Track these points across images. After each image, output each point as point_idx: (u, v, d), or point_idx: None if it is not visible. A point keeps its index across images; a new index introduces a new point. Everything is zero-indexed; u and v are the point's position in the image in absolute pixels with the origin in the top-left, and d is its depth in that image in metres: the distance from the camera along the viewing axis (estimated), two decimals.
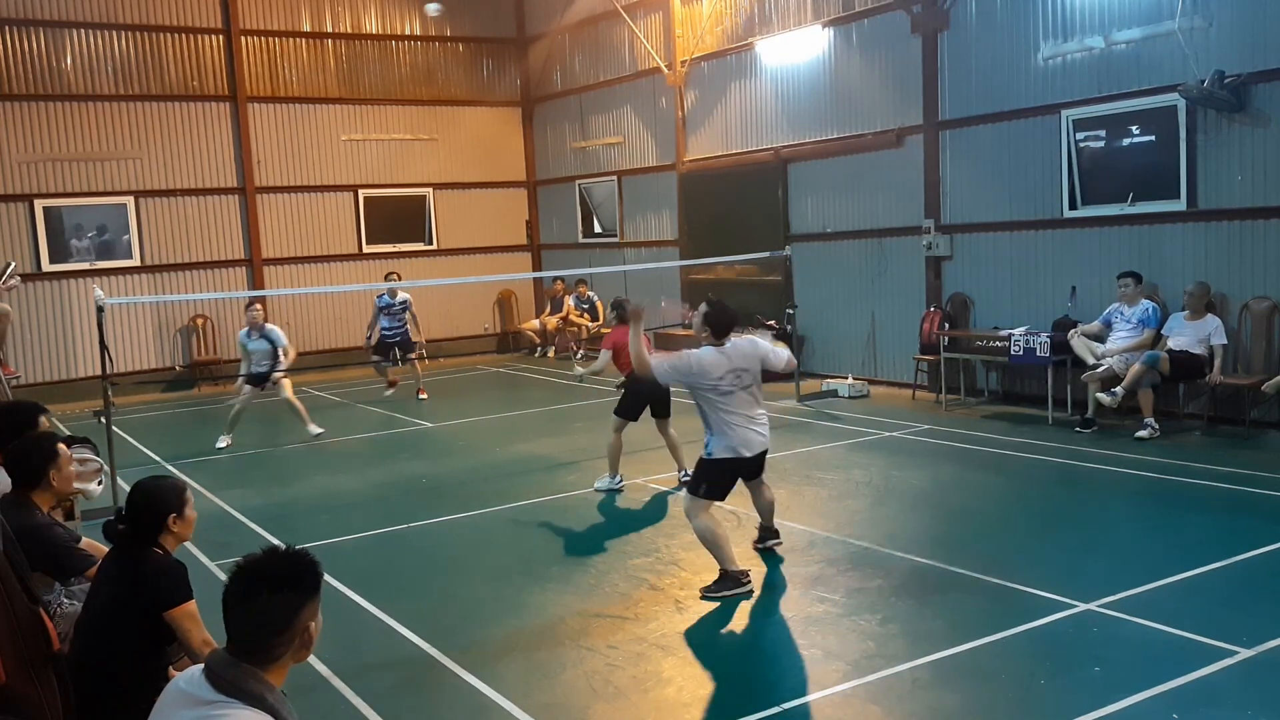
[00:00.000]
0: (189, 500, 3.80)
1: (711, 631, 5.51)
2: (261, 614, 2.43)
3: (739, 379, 6.17)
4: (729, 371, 6.15)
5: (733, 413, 6.16)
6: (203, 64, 16.63)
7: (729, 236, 14.67)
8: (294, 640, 2.45)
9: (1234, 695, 4.42)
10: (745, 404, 6.21)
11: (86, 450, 5.57)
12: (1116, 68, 10.25)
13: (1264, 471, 7.98)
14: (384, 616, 5.85)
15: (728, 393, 6.15)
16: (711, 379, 6.13)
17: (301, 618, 2.46)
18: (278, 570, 2.48)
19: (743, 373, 6.19)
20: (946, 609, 5.60)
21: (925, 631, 5.28)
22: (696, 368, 6.15)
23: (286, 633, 2.44)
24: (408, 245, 18.32)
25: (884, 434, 10.24)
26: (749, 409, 6.23)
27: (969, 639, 5.13)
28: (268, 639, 2.43)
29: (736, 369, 6.17)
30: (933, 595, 5.83)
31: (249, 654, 2.42)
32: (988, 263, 11.71)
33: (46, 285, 15.46)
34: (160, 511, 3.69)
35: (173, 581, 3.57)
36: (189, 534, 3.81)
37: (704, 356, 6.18)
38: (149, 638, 3.56)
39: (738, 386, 6.17)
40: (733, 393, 6.16)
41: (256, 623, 2.43)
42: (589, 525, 7.59)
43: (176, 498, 3.75)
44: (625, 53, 17.21)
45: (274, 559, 2.51)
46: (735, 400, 6.17)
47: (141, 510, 3.68)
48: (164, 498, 3.73)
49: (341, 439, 11.46)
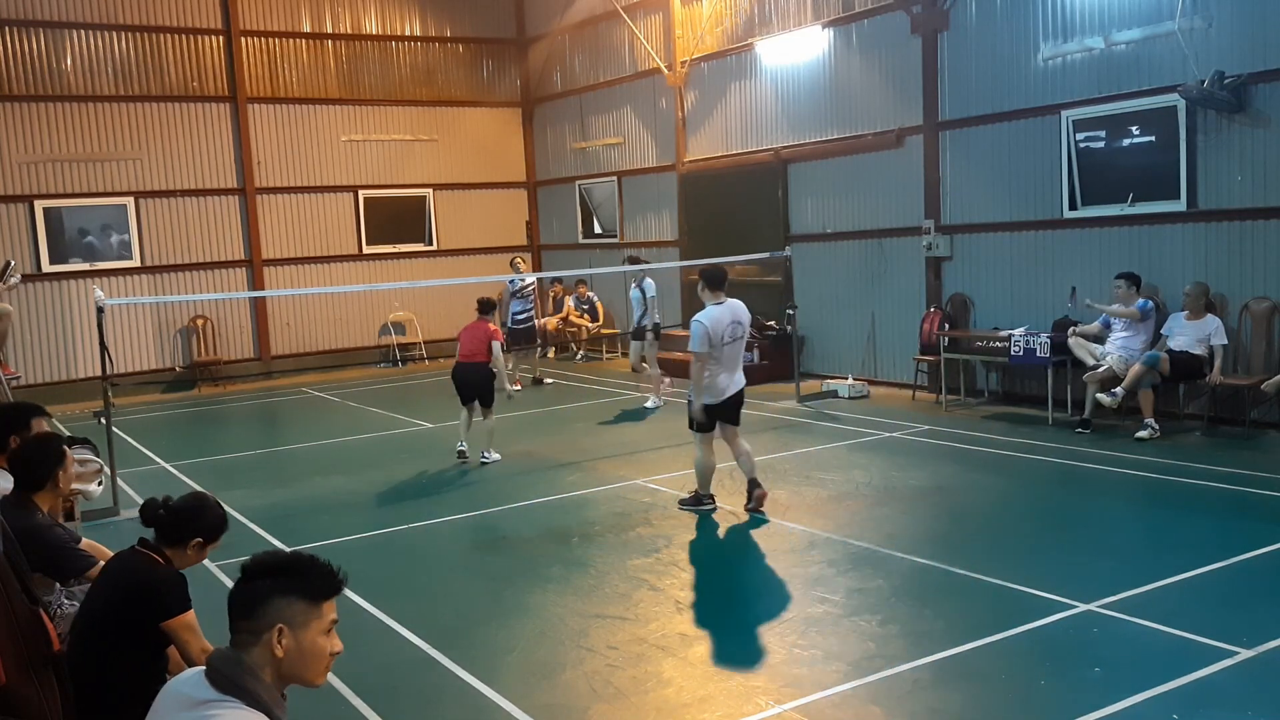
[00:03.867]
0: (218, 540, 3.78)
1: (711, 632, 5.51)
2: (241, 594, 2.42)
3: (734, 331, 7.40)
4: (731, 322, 7.38)
5: (722, 364, 7.34)
6: (203, 64, 16.63)
7: (729, 237, 14.66)
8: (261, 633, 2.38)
9: (1234, 695, 4.42)
10: (731, 360, 7.38)
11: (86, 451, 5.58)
12: (1116, 68, 10.25)
13: (1264, 471, 7.98)
14: (384, 616, 5.85)
15: (729, 343, 7.34)
16: (722, 328, 7.31)
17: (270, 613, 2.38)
18: (273, 561, 2.47)
19: (738, 325, 7.43)
20: (946, 609, 5.60)
21: (925, 632, 5.28)
22: (710, 322, 7.30)
23: (251, 620, 2.38)
24: (408, 246, 18.33)
25: (884, 434, 10.24)
26: (733, 366, 7.41)
27: (969, 639, 5.13)
28: (237, 620, 2.40)
29: (735, 320, 7.42)
30: (933, 595, 5.83)
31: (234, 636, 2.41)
32: (988, 263, 11.72)
33: (46, 286, 15.46)
34: (193, 531, 3.69)
35: (172, 592, 3.56)
36: (194, 564, 3.77)
37: (712, 313, 7.37)
38: (146, 644, 3.55)
39: (734, 337, 7.39)
40: (732, 343, 7.37)
41: (233, 601, 2.42)
42: (589, 525, 7.59)
43: (214, 530, 3.74)
44: (625, 53, 17.21)
45: (276, 555, 2.51)
46: (733, 350, 7.37)
47: (183, 520, 3.68)
48: (208, 521, 3.73)
49: (341, 439, 11.46)
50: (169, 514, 3.68)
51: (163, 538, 3.67)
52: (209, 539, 3.73)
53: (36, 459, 4.27)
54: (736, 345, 7.52)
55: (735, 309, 7.53)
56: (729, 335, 7.40)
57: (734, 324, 7.44)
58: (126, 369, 15.77)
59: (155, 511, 3.69)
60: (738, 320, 7.48)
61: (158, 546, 3.67)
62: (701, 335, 7.32)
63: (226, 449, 11.33)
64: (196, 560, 3.76)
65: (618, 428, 11.18)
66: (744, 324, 7.55)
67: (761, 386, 13.24)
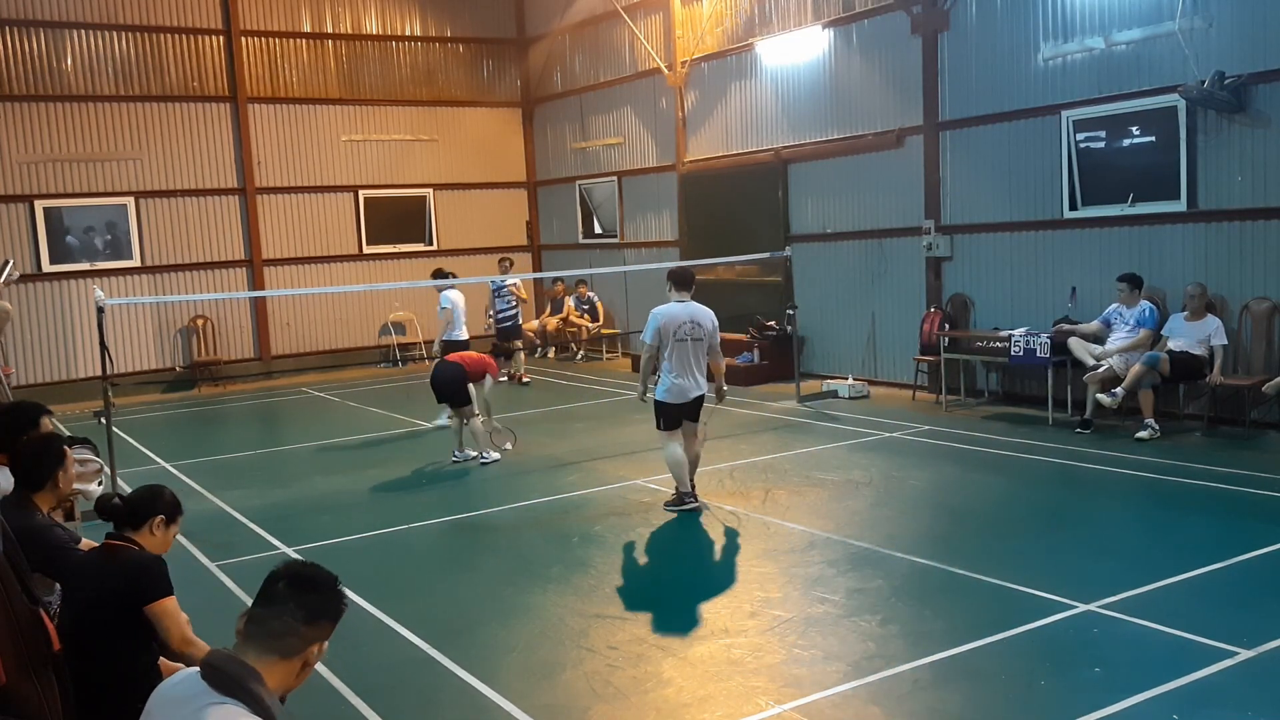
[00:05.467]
0: (177, 521, 3.91)
1: (711, 632, 5.51)
2: (303, 598, 2.44)
3: (692, 330, 7.56)
4: (687, 320, 7.56)
5: (676, 364, 7.54)
6: (203, 64, 16.63)
7: (729, 237, 14.66)
8: (311, 642, 2.44)
9: (1234, 695, 4.42)
10: (689, 358, 7.55)
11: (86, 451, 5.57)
12: (1116, 68, 10.25)
13: (1264, 472, 7.98)
14: (384, 616, 5.85)
15: (681, 341, 7.53)
16: (675, 324, 7.53)
17: (323, 627, 2.47)
18: (325, 578, 2.52)
19: (696, 326, 7.58)
20: (946, 609, 5.60)
21: (925, 632, 5.28)
22: (664, 317, 7.59)
23: (313, 628, 2.44)
24: (408, 246, 18.33)
25: (884, 435, 10.24)
26: (691, 365, 7.57)
27: (969, 639, 5.13)
28: (299, 624, 2.42)
29: (693, 320, 7.58)
30: (933, 596, 5.83)
31: (271, 637, 2.41)
32: (988, 263, 11.71)
33: (46, 285, 15.46)
34: (152, 511, 3.80)
35: (152, 576, 3.64)
36: (165, 548, 3.87)
37: (668, 308, 7.66)
38: (134, 633, 3.58)
39: (689, 338, 7.56)
40: (685, 341, 7.54)
41: (296, 604, 2.43)
42: (589, 526, 7.58)
43: (172, 508, 3.88)
44: (625, 53, 17.21)
45: (325, 572, 2.54)
46: (685, 350, 7.53)
47: (138, 504, 3.81)
48: (164, 501, 3.86)
49: (341, 439, 11.46)
50: (125, 503, 3.82)
51: (125, 524, 3.78)
52: (170, 517, 3.85)
53: (37, 459, 4.26)
54: (693, 346, 7.59)
55: (695, 310, 7.65)
56: (683, 333, 7.55)
57: (691, 323, 7.57)
58: (126, 369, 15.77)
59: (110, 502, 3.82)
60: (695, 321, 7.59)
61: (124, 535, 3.76)
62: (653, 328, 7.62)
63: (226, 449, 11.33)
64: (164, 543, 3.85)
65: (618, 428, 11.17)
66: (703, 326, 7.61)
67: (761, 386, 13.25)
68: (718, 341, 7.78)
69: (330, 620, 2.49)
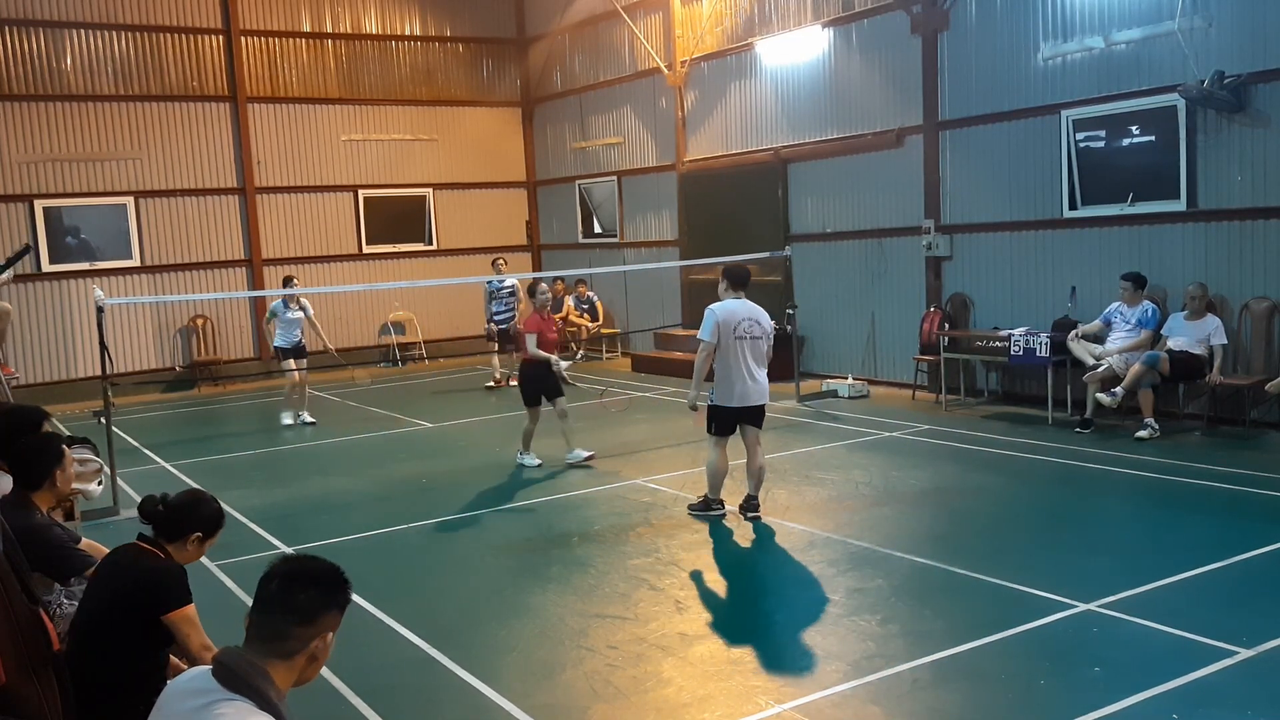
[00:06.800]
0: (215, 536, 3.84)
1: (711, 632, 5.51)
2: (295, 600, 2.44)
3: (751, 328, 7.32)
4: (746, 317, 7.33)
5: (735, 364, 7.24)
6: (203, 64, 16.63)
7: (729, 237, 14.66)
8: (311, 640, 2.44)
9: (1234, 695, 4.42)
10: (749, 358, 7.28)
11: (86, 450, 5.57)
12: (1116, 68, 10.25)
13: (1264, 471, 7.98)
14: (384, 616, 5.85)
15: (740, 339, 7.26)
16: (735, 321, 7.28)
17: (323, 622, 2.47)
18: (322, 570, 2.52)
19: (755, 324, 7.36)
20: (946, 609, 5.60)
21: (925, 631, 5.28)
22: (723, 313, 7.31)
23: (309, 627, 2.44)
24: (408, 245, 18.33)
25: (884, 434, 10.24)
26: (752, 366, 7.29)
27: (969, 639, 5.13)
28: (293, 626, 2.42)
29: (752, 317, 7.35)
30: (933, 595, 5.83)
31: (267, 640, 2.41)
32: (988, 263, 11.72)
33: (46, 285, 15.46)
34: (191, 526, 3.74)
35: (173, 584, 3.58)
36: (196, 559, 3.83)
37: (726, 304, 7.39)
38: (146, 640, 3.56)
39: (749, 335, 7.31)
40: (744, 340, 7.28)
41: (287, 607, 2.43)
42: (589, 525, 7.58)
43: (213, 525, 3.80)
44: (625, 53, 17.21)
45: (321, 563, 2.54)
46: (744, 349, 7.26)
47: (180, 514, 3.73)
48: (206, 516, 3.78)
49: (341, 439, 11.46)
50: (167, 510, 3.74)
51: (162, 533, 3.72)
52: (208, 533, 3.78)
53: (35, 458, 4.26)
54: (752, 345, 7.32)
55: (753, 308, 7.43)
56: (743, 330, 7.28)
57: (750, 320, 7.33)
58: (126, 369, 15.77)
59: (154, 507, 3.74)
60: (754, 319, 7.36)
61: (158, 542, 3.71)
62: (712, 325, 7.30)
63: (226, 449, 11.33)
64: (196, 555, 3.79)
65: (618, 427, 11.17)
66: (762, 324, 7.38)
67: None
68: (773, 342, 7.56)
69: (329, 613, 2.48)
